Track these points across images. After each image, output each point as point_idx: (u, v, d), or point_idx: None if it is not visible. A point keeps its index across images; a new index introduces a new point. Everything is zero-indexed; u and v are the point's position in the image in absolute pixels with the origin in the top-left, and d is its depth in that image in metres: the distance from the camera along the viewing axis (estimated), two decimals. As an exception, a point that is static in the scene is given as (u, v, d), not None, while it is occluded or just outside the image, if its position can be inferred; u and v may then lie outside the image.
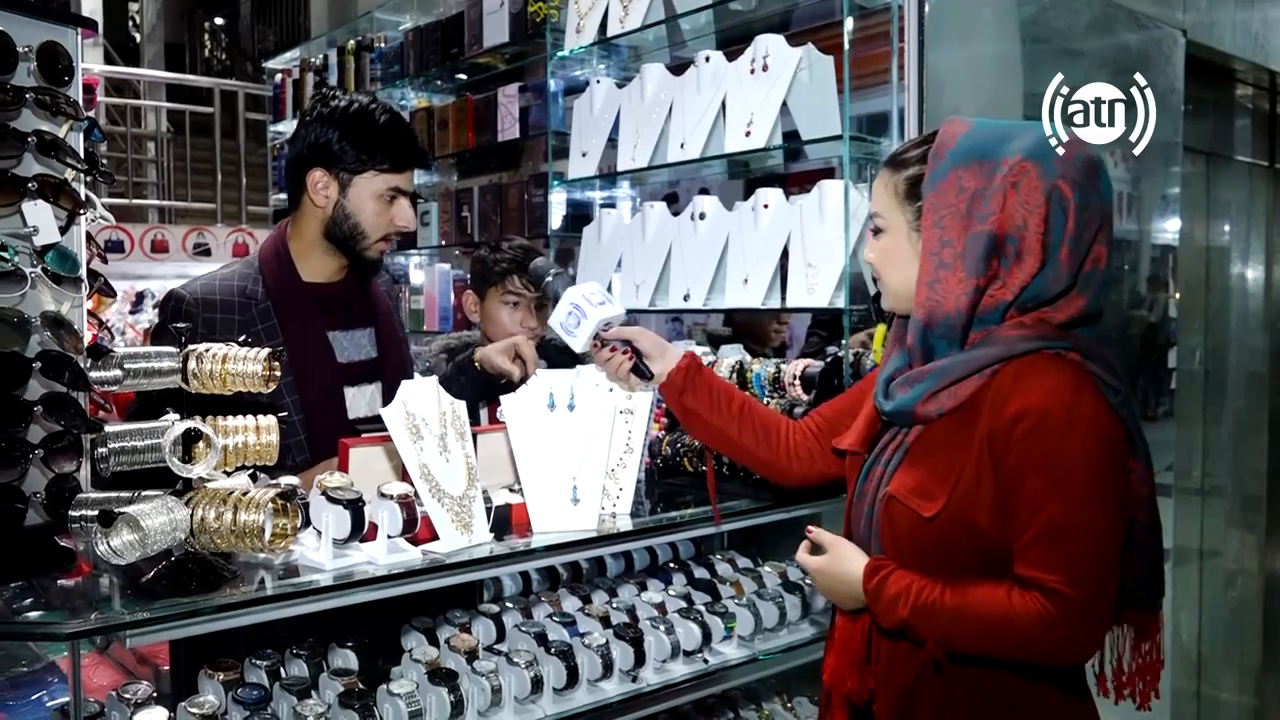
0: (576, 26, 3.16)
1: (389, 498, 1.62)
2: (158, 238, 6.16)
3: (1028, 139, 1.43)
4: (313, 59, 5.22)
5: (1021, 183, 1.40)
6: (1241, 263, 4.53)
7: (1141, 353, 3.54)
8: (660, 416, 2.48)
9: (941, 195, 1.45)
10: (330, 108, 2.07)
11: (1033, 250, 1.40)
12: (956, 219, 1.43)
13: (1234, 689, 4.31)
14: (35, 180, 1.61)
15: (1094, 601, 1.35)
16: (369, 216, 2.08)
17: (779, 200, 2.62)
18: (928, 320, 1.46)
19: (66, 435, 1.62)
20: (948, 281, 1.43)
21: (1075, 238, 1.41)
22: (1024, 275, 1.41)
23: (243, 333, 1.98)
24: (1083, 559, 1.34)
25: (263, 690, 1.64)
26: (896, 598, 1.45)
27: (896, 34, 2.40)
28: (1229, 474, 4.38)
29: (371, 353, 2.17)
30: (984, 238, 1.41)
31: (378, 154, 2.06)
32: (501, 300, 2.64)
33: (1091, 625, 1.36)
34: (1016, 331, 1.42)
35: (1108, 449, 1.37)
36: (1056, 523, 1.35)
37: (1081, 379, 1.39)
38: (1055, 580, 1.34)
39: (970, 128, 1.49)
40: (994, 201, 1.41)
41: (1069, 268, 1.42)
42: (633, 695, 1.88)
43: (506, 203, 3.91)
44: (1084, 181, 1.42)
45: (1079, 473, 1.35)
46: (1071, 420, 1.36)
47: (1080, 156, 1.43)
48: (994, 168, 1.42)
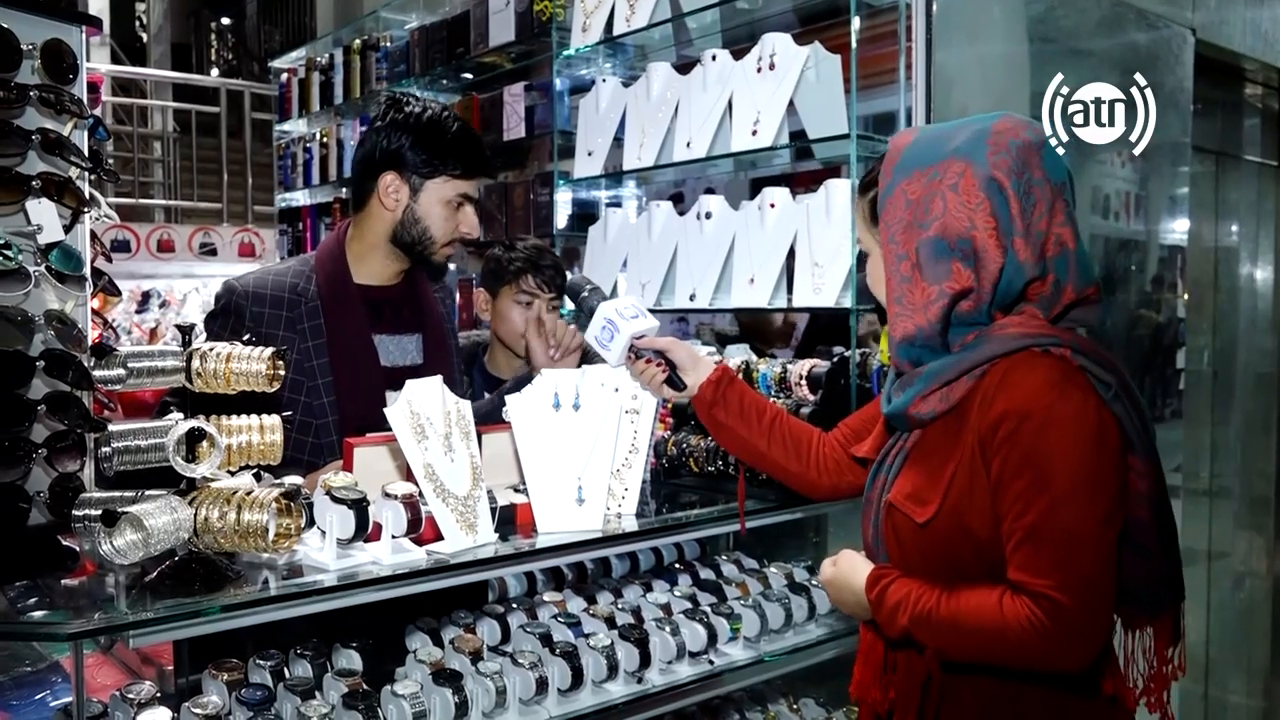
0: (582, 25, 3.15)
1: (393, 498, 1.61)
2: (164, 237, 6.18)
3: (961, 137, 1.43)
4: (318, 58, 5.22)
5: (959, 183, 1.40)
6: (1250, 263, 4.51)
7: (1149, 353, 3.52)
8: (666, 417, 2.47)
9: (892, 211, 1.46)
10: (405, 113, 2.09)
11: (989, 247, 1.39)
12: (907, 230, 1.44)
13: (1242, 691, 4.29)
14: (39, 178, 1.61)
15: (1085, 605, 1.30)
16: (437, 221, 2.10)
17: (785, 199, 2.61)
18: (904, 337, 1.46)
19: (70, 434, 1.62)
20: (913, 294, 1.43)
21: (1025, 225, 1.40)
22: (991, 273, 1.40)
23: (289, 329, 2.00)
24: (1071, 562, 1.31)
25: (267, 690, 1.63)
26: (897, 607, 1.44)
27: (904, 32, 2.39)
28: (1237, 475, 4.36)
29: (417, 359, 2.18)
30: (932, 242, 1.41)
31: (450, 160, 2.08)
32: (514, 299, 2.63)
33: (1084, 629, 1.31)
34: (1005, 330, 1.41)
35: (1095, 446, 1.34)
36: (1042, 525, 1.32)
37: (1068, 375, 1.37)
38: (1044, 585, 1.31)
39: (914, 137, 1.50)
40: (936, 206, 1.41)
41: (1029, 255, 1.40)
42: (638, 696, 1.87)
43: (512, 202, 3.90)
44: (1020, 167, 1.40)
45: (1062, 473, 1.32)
46: (1054, 419, 1.34)
47: (1014, 143, 1.41)
48: (933, 173, 1.43)
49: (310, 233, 5.39)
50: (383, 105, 2.16)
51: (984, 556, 1.40)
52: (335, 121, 5.15)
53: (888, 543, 1.51)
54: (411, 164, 2.07)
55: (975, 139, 1.42)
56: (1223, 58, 3.74)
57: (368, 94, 4.76)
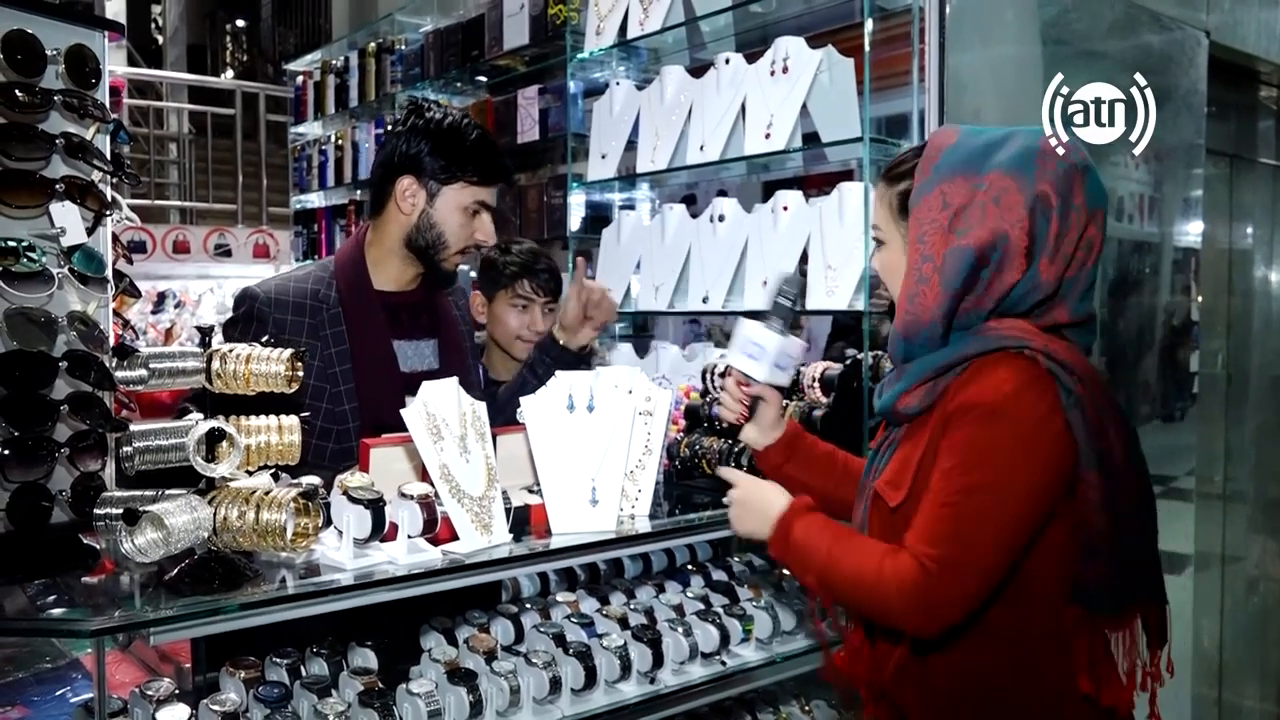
0: (596, 29, 3.17)
1: (409, 498, 1.63)
2: (179, 238, 6.22)
3: (1010, 150, 1.44)
4: (333, 61, 5.25)
5: (1003, 198, 1.41)
6: (1265, 266, 4.49)
7: (1163, 356, 3.51)
8: (679, 419, 2.48)
9: (926, 210, 1.46)
10: (424, 119, 2.11)
11: (1015, 262, 1.41)
12: (939, 233, 1.44)
13: (1256, 696, 4.27)
14: (63, 182, 1.63)
15: (953, 581, 1.35)
16: (453, 228, 2.11)
17: (798, 202, 2.62)
18: (906, 333, 1.48)
19: (92, 434, 1.64)
20: (925, 295, 1.45)
21: (1056, 247, 1.42)
22: (1005, 285, 1.42)
23: (311, 335, 2.02)
24: (960, 541, 1.35)
25: (283, 688, 1.65)
26: (794, 533, 1.51)
27: (917, 35, 2.39)
28: (1251, 478, 4.34)
29: (434, 364, 2.19)
30: (963, 253, 1.42)
31: (468, 166, 2.10)
32: (510, 303, 2.64)
33: (943, 602, 1.36)
34: (987, 332, 1.44)
35: (1033, 452, 1.36)
36: (950, 502, 1.37)
37: (1031, 375, 1.39)
38: (927, 553, 1.36)
39: (956, 139, 1.49)
40: (974, 216, 1.42)
41: (1050, 276, 1.43)
42: (650, 697, 1.88)
43: (526, 204, 3.92)
44: (1065, 190, 1.42)
45: (988, 462, 1.36)
46: (1002, 411, 1.36)
47: (1063, 165, 1.43)
48: (977, 182, 1.43)
49: (325, 234, 5.42)
50: (404, 110, 2.18)
51: None
52: (350, 124, 5.17)
53: (870, 528, 1.55)
54: (429, 169, 2.09)
55: (1024, 156, 1.43)
56: (1237, 60, 3.73)
57: (382, 97, 4.78)
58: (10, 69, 1.57)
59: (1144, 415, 3.44)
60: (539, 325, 2.63)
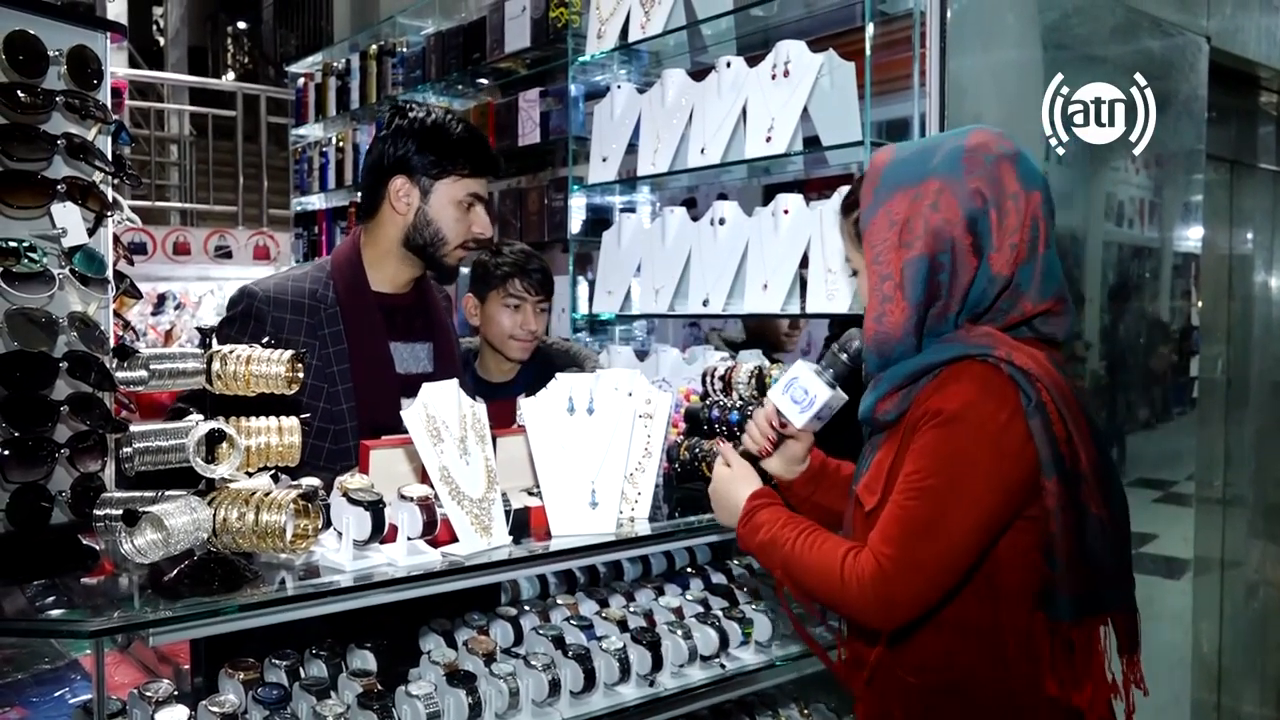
0: (598, 32, 3.17)
1: (409, 500, 1.63)
2: (180, 240, 6.22)
3: (939, 156, 1.47)
4: (335, 63, 5.26)
5: (939, 201, 1.44)
6: (1265, 271, 4.50)
7: (1163, 361, 3.51)
8: (678, 422, 2.48)
9: (876, 232, 1.49)
10: (409, 119, 2.12)
11: (965, 261, 1.44)
12: (891, 251, 1.47)
13: (1256, 701, 4.27)
14: (64, 182, 1.63)
15: (905, 581, 1.38)
16: (449, 222, 2.12)
17: (799, 206, 2.62)
18: (880, 351, 1.50)
19: (92, 435, 1.64)
20: (893, 313, 1.47)
21: (1001, 239, 1.44)
22: (962, 286, 1.45)
23: (310, 335, 2.02)
24: (913, 542, 1.38)
25: (282, 690, 1.64)
26: (759, 525, 1.57)
27: (918, 39, 2.40)
28: (1251, 483, 4.34)
29: (428, 367, 2.20)
30: (918, 261, 1.44)
31: (458, 159, 2.11)
32: (502, 303, 2.65)
33: (895, 601, 1.39)
34: (955, 340, 1.46)
35: (992, 460, 1.38)
36: (906, 505, 1.40)
37: (995, 386, 1.40)
38: (883, 552, 1.39)
39: (892, 156, 1.53)
40: (918, 226, 1.45)
41: (1003, 268, 1.45)
42: (650, 699, 1.88)
43: (527, 207, 3.92)
44: (996, 181, 1.44)
45: (945, 467, 1.38)
46: (960, 418, 1.39)
47: (989, 158, 1.45)
48: (915, 194, 1.46)
49: (326, 236, 5.43)
50: (387, 114, 2.19)
51: None
52: (351, 126, 5.18)
53: (854, 532, 1.57)
54: (420, 166, 2.09)
55: (951, 157, 1.46)
56: (1237, 65, 3.74)
57: (384, 99, 4.79)
58: (12, 69, 1.57)
59: (1144, 420, 3.44)
60: (531, 324, 2.65)
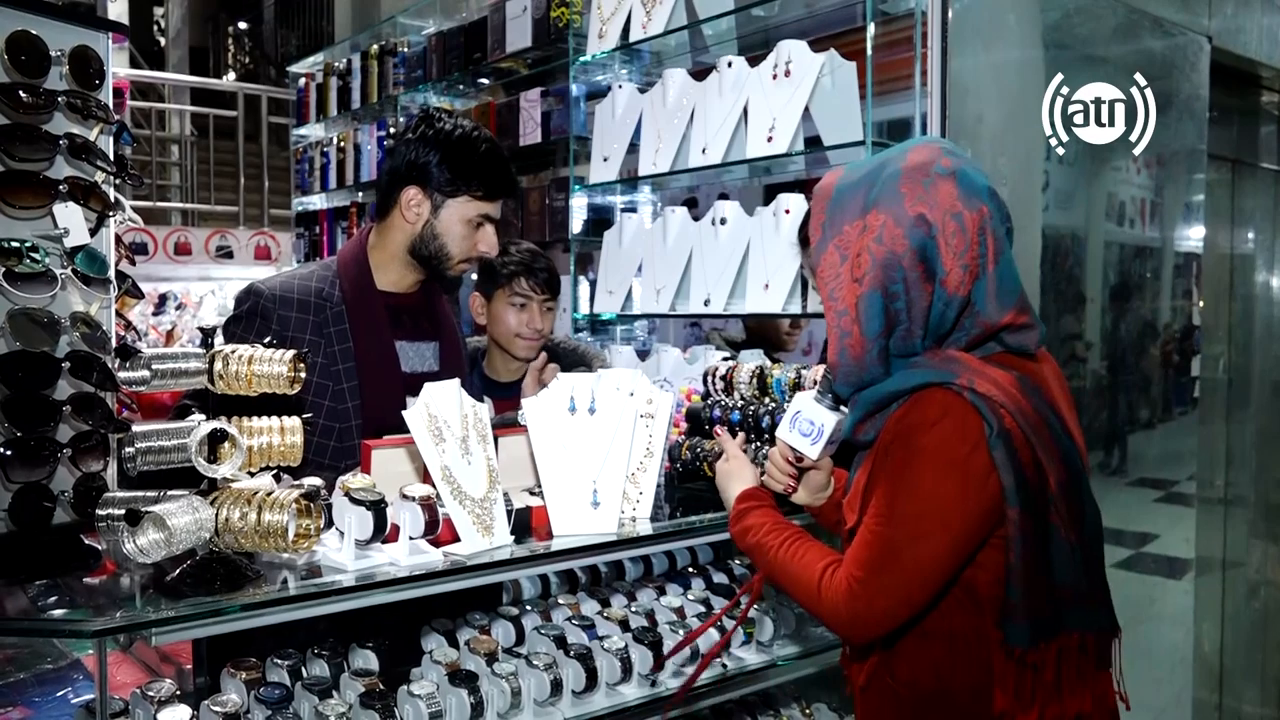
0: (599, 32, 3.17)
1: (411, 499, 1.63)
2: (181, 240, 6.22)
3: (879, 183, 1.46)
4: (336, 63, 5.26)
5: (884, 233, 1.43)
6: (1266, 271, 4.50)
7: (1164, 361, 3.51)
8: (680, 421, 2.48)
9: (828, 268, 1.50)
10: (435, 129, 2.10)
11: (920, 289, 1.43)
12: (844, 286, 1.47)
13: (1256, 701, 4.27)
14: (66, 183, 1.63)
15: (873, 603, 1.41)
16: (455, 240, 2.12)
17: (800, 206, 2.62)
18: (848, 382, 1.51)
19: (94, 435, 1.64)
20: (854, 348, 1.48)
21: (952, 260, 1.42)
22: (921, 310, 1.44)
23: (315, 334, 2.02)
24: (880, 566, 1.41)
25: (285, 690, 1.65)
26: (748, 529, 1.64)
27: (920, 39, 2.40)
28: (1252, 483, 4.34)
29: (434, 366, 2.20)
30: (870, 296, 1.44)
31: (474, 180, 2.10)
32: (509, 302, 2.66)
33: (864, 620, 1.43)
34: (919, 366, 1.45)
35: (956, 491, 1.38)
36: (874, 530, 1.43)
37: (957, 414, 1.39)
38: (854, 574, 1.43)
39: (836, 184, 1.52)
40: (866, 260, 1.44)
41: (958, 289, 1.43)
42: (651, 699, 1.88)
43: (528, 207, 3.92)
44: (936, 203, 1.42)
45: (908, 495, 1.40)
46: (921, 448, 1.39)
47: (926, 181, 1.43)
48: (860, 228, 1.46)
49: (327, 236, 5.43)
50: (414, 117, 2.18)
51: None
52: (352, 126, 5.18)
53: (844, 545, 1.57)
54: (435, 181, 2.09)
55: (889, 185, 1.44)
56: (1239, 65, 3.74)
57: (384, 99, 4.79)
58: (14, 69, 1.58)
59: (1145, 419, 3.44)
60: (537, 323, 2.65)
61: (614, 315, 3.17)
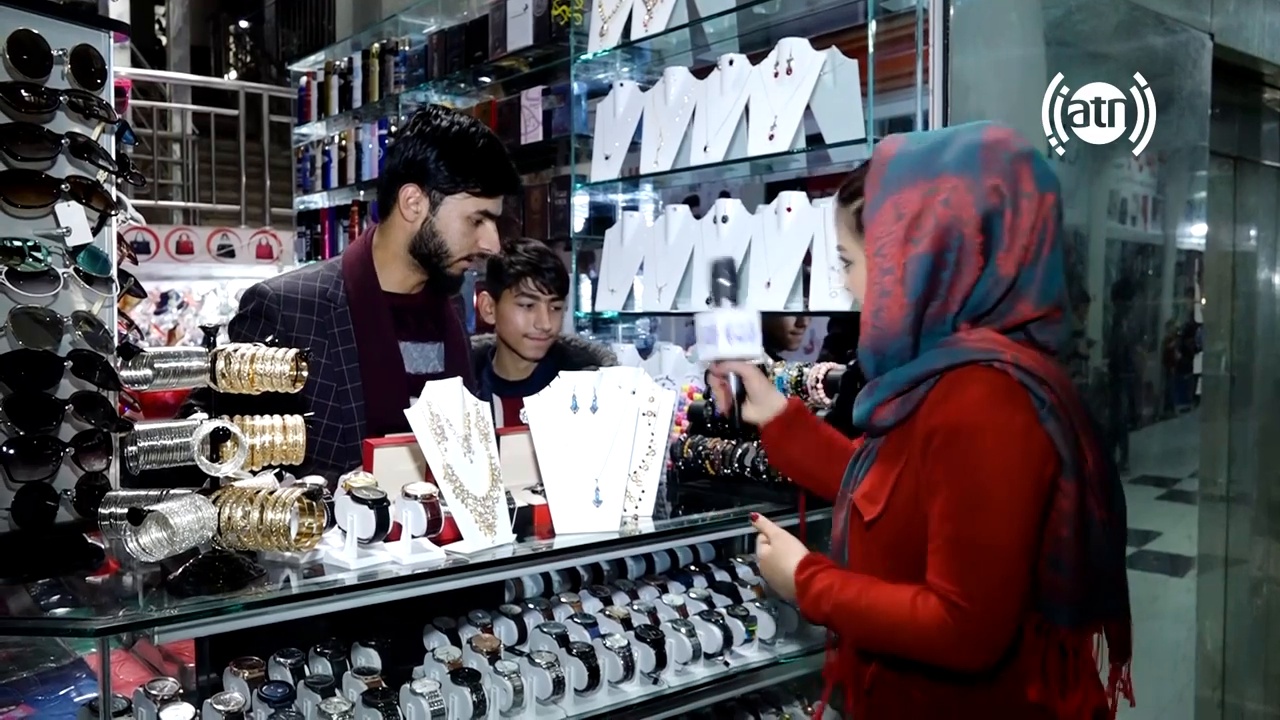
0: (600, 30, 3.17)
1: (413, 498, 1.63)
2: (183, 239, 6.23)
3: (954, 150, 1.44)
4: (337, 62, 5.26)
5: (953, 198, 1.41)
6: (1269, 268, 4.49)
7: (1166, 358, 3.51)
8: (682, 420, 2.48)
9: (880, 224, 1.46)
10: (432, 126, 2.10)
11: (972, 260, 1.41)
12: (895, 245, 1.44)
13: (1259, 698, 4.26)
14: (68, 182, 1.64)
15: (986, 613, 1.34)
16: (455, 237, 2.11)
17: (802, 203, 2.62)
18: (875, 348, 1.48)
19: (97, 434, 1.64)
20: (890, 309, 1.45)
21: (1012, 239, 1.42)
22: (965, 285, 1.42)
23: (320, 334, 2.03)
24: (980, 572, 1.34)
25: (287, 688, 1.65)
26: (820, 595, 1.51)
27: (921, 37, 2.39)
28: (1254, 481, 4.34)
29: (438, 367, 2.20)
30: (922, 259, 1.42)
31: (472, 177, 2.09)
32: (516, 302, 2.65)
33: (982, 635, 1.35)
34: (956, 344, 1.43)
35: (1022, 463, 1.36)
36: (958, 535, 1.36)
37: (1005, 390, 1.38)
38: (952, 590, 1.35)
39: (900, 148, 1.50)
40: (928, 222, 1.42)
41: (1009, 269, 1.42)
42: (654, 697, 1.88)
43: (530, 205, 3.93)
44: (1013, 180, 1.41)
45: (985, 488, 1.35)
46: (984, 434, 1.36)
47: (1007, 155, 1.42)
48: (926, 188, 1.43)
49: (328, 235, 5.43)
50: (413, 116, 2.18)
51: (920, 556, 1.42)
52: (354, 125, 5.18)
53: (850, 539, 1.56)
54: (434, 178, 2.08)
55: (967, 153, 1.43)
56: (1241, 62, 3.73)
57: (386, 98, 4.79)
58: (16, 69, 1.58)
59: (1147, 417, 3.44)
60: (545, 323, 2.64)
61: (616, 313, 3.16)
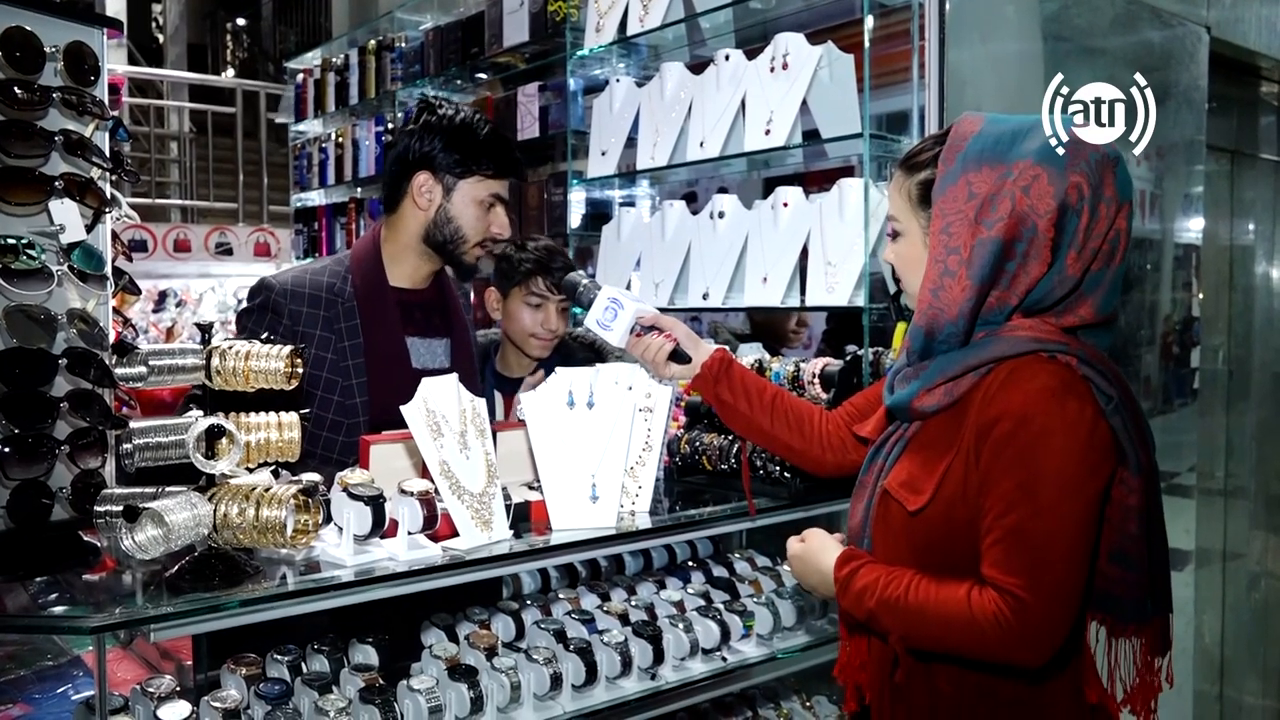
0: (596, 26, 3.17)
1: (410, 494, 1.63)
2: (180, 237, 6.23)
3: (1039, 139, 1.40)
4: (334, 59, 5.25)
5: (1032, 187, 1.37)
6: (1266, 262, 4.49)
7: (1164, 352, 3.51)
8: (679, 415, 2.48)
9: (951, 201, 1.42)
10: (437, 116, 2.14)
11: (1040, 254, 1.38)
12: (965, 225, 1.40)
13: (1257, 692, 4.27)
14: (62, 179, 1.63)
15: (1048, 607, 1.32)
16: (470, 221, 2.14)
17: (798, 198, 2.62)
18: (930, 328, 1.45)
19: (92, 431, 1.64)
20: (951, 289, 1.41)
21: (1084, 240, 1.39)
22: (1030, 279, 1.40)
23: (326, 329, 2.04)
24: (1042, 565, 1.32)
25: (284, 685, 1.65)
26: (864, 591, 1.47)
27: (917, 32, 2.39)
28: (1252, 474, 4.34)
29: (445, 363, 2.21)
30: (991, 244, 1.38)
31: (483, 159, 2.13)
32: (524, 300, 2.64)
33: (1044, 629, 1.33)
34: (1016, 333, 1.41)
35: (1086, 457, 1.34)
36: (1021, 527, 1.33)
37: (1071, 383, 1.36)
38: (1013, 584, 1.32)
39: (981, 127, 1.45)
40: (1003, 207, 1.38)
41: (1076, 270, 1.40)
42: (651, 693, 1.88)
43: (526, 201, 3.92)
44: (1097, 181, 1.38)
45: (1050, 480, 1.33)
46: (1050, 425, 1.33)
47: (1094, 155, 1.39)
48: (1005, 172, 1.39)
49: (326, 232, 5.43)
50: (414, 108, 2.19)
51: (970, 546, 1.40)
52: (351, 122, 5.17)
53: (875, 527, 1.53)
54: (444, 164, 2.11)
55: (1055, 145, 1.39)
56: (1238, 56, 3.73)
57: (383, 94, 4.79)
58: (9, 66, 1.57)
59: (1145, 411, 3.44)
60: (552, 323, 2.62)
61: (613, 310, 3.16)
